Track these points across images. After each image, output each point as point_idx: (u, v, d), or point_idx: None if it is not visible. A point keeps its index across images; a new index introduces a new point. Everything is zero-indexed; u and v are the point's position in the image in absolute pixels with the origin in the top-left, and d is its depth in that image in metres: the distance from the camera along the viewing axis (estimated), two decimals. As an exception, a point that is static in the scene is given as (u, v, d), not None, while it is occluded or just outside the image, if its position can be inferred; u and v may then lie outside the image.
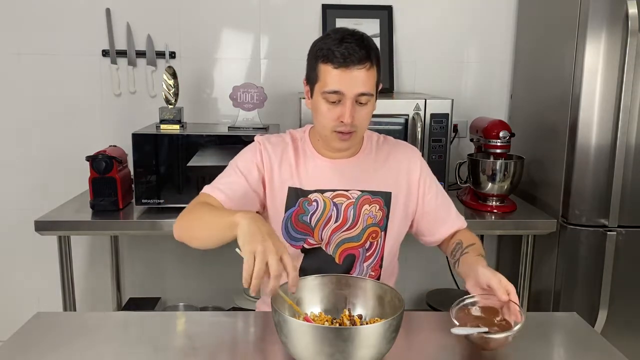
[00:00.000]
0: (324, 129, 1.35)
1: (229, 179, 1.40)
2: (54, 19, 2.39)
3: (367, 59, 1.29)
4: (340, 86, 1.29)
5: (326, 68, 1.30)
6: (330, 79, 1.30)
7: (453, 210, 1.52)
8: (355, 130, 1.34)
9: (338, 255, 1.42)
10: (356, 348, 1.00)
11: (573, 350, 1.25)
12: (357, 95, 1.30)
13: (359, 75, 1.29)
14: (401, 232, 1.49)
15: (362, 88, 1.30)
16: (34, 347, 1.18)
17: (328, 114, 1.32)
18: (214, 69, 2.49)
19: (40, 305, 2.57)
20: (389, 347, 1.06)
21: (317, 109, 1.35)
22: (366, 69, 1.29)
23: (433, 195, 1.48)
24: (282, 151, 1.44)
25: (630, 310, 2.08)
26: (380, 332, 1.02)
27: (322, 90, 1.31)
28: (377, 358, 1.04)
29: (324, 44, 1.31)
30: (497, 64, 2.56)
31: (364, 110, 1.34)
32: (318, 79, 1.33)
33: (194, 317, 1.45)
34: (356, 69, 1.28)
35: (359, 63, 1.28)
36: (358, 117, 1.32)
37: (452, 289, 2.66)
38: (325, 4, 2.44)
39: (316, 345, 1.00)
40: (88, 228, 2.03)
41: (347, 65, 1.28)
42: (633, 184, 2.00)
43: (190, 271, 2.62)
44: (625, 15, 1.89)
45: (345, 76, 1.28)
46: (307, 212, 1.40)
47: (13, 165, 2.49)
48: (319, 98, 1.33)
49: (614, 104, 1.95)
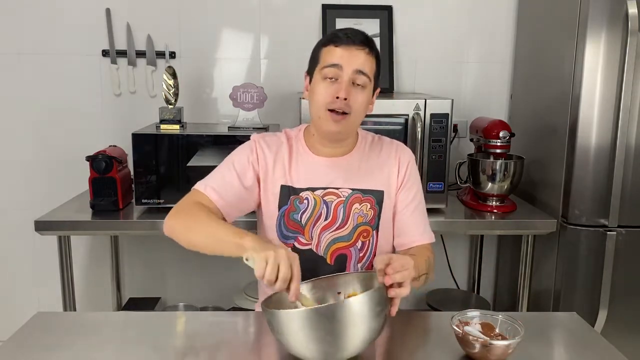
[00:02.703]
0: (319, 109, 1.35)
1: (224, 179, 1.40)
2: (54, 19, 2.39)
3: (367, 45, 1.35)
4: (339, 60, 1.32)
5: (328, 48, 1.35)
6: (331, 55, 1.34)
7: (423, 225, 1.47)
8: (348, 113, 1.34)
9: (329, 256, 1.42)
10: (344, 327, 1.00)
11: (573, 350, 1.25)
12: (355, 71, 1.32)
13: (358, 54, 1.33)
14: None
15: (360, 65, 1.33)
16: (34, 347, 1.18)
17: (324, 92, 1.34)
18: (214, 69, 2.49)
19: (40, 305, 2.57)
20: (379, 325, 1.05)
21: (314, 90, 1.37)
22: (366, 52, 1.34)
23: (410, 201, 1.45)
24: (277, 150, 1.44)
25: (630, 310, 2.08)
26: (364, 304, 1.01)
27: (322, 66, 1.34)
28: (370, 337, 1.04)
29: (328, 34, 1.39)
30: (497, 64, 2.56)
31: (360, 95, 1.34)
32: (319, 61, 1.36)
33: (194, 317, 1.45)
34: (356, 48, 1.33)
35: (360, 44, 1.33)
36: (353, 99, 1.33)
37: (452, 289, 2.66)
38: (325, 4, 2.44)
39: (305, 331, 1.00)
40: (88, 228, 2.03)
41: (348, 44, 1.33)
42: (633, 184, 2.00)
43: (190, 271, 2.63)
44: (625, 15, 1.89)
45: (345, 53, 1.33)
46: (298, 210, 1.40)
47: (13, 165, 2.49)
48: (317, 78, 1.36)
49: (614, 104, 1.95)
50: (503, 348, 1.11)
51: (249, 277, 2.43)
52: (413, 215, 1.46)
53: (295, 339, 1.02)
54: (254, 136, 1.47)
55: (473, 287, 2.70)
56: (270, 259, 1.08)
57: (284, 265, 1.08)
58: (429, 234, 1.47)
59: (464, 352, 1.15)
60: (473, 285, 2.70)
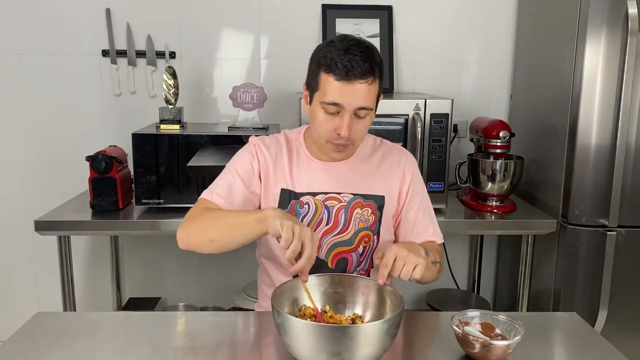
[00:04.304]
0: (320, 138, 1.34)
1: (229, 185, 1.39)
2: (54, 19, 2.39)
3: (370, 74, 1.26)
4: (340, 99, 1.26)
5: (328, 78, 1.26)
6: (331, 90, 1.26)
7: (432, 226, 1.47)
8: (351, 143, 1.34)
9: (330, 260, 1.42)
10: (361, 346, 1.01)
11: (573, 350, 1.25)
12: (357, 109, 1.28)
13: (360, 89, 1.25)
14: (393, 236, 1.48)
15: (362, 102, 1.27)
16: (34, 347, 1.18)
17: (325, 125, 1.31)
18: (214, 69, 2.49)
19: (40, 305, 2.57)
20: (391, 343, 1.07)
21: (314, 117, 1.34)
22: (368, 83, 1.26)
23: (415, 206, 1.45)
24: (277, 152, 1.43)
25: (630, 310, 2.08)
26: (384, 329, 1.03)
27: (322, 100, 1.28)
28: (380, 353, 1.06)
29: (328, 52, 1.27)
30: (497, 64, 2.56)
31: (362, 124, 1.32)
32: (318, 87, 1.30)
33: (194, 317, 1.45)
34: (358, 83, 1.25)
35: (361, 77, 1.25)
36: (355, 130, 1.31)
37: (452, 289, 2.66)
38: (325, 4, 2.44)
39: (322, 344, 1.01)
40: (88, 228, 2.03)
41: (349, 78, 1.24)
42: (633, 184, 2.00)
43: (190, 271, 2.63)
44: (625, 15, 1.89)
45: (346, 89, 1.25)
46: (298, 214, 1.40)
47: (13, 165, 2.49)
48: (317, 107, 1.31)
49: (614, 104, 1.95)
50: (503, 348, 1.11)
51: (249, 277, 2.44)
52: (423, 217, 1.46)
53: (308, 348, 1.03)
54: (252, 139, 1.46)
55: (473, 287, 2.70)
56: (296, 232, 1.10)
57: (310, 242, 1.10)
58: (438, 234, 1.47)
59: (464, 352, 1.15)
60: (473, 285, 2.70)
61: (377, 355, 1.05)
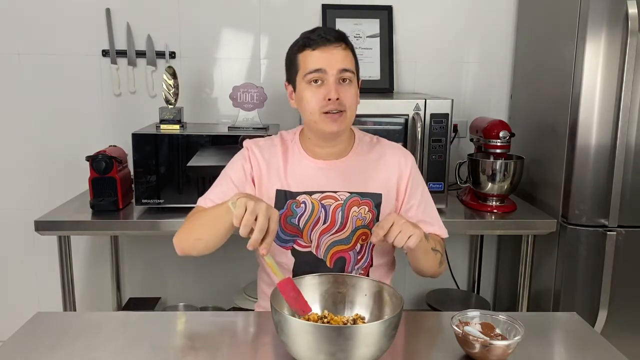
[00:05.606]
0: (313, 113, 1.34)
1: (223, 192, 1.40)
2: (54, 19, 2.39)
3: (342, 40, 1.35)
4: (321, 63, 1.32)
5: (305, 54, 1.35)
6: (310, 60, 1.33)
7: (435, 221, 1.48)
8: (344, 110, 1.34)
9: (329, 259, 1.42)
10: (358, 347, 1.01)
11: (573, 350, 1.25)
12: (340, 71, 1.32)
13: (337, 52, 1.33)
14: None
15: (342, 64, 1.33)
16: (34, 347, 1.18)
17: (313, 97, 1.33)
18: (214, 69, 2.49)
19: (40, 305, 2.57)
20: (389, 345, 1.07)
21: (302, 98, 1.36)
22: (342, 48, 1.34)
23: (416, 204, 1.46)
24: (270, 154, 1.43)
25: (630, 310, 2.08)
26: (381, 330, 1.03)
27: (304, 73, 1.33)
28: (378, 355, 1.05)
29: (299, 39, 1.39)
30: (497, 64, 2.56)
31: (349, 90, 1.34)
32: (298, 67, 1.35)
33: (194, 317, 1.45)
34: (333, 47, 1.33)
35: (335, 42, 1.34)
36: (344, 96, 1.33)
37: (452, 289, 2.66)
38: (325, 4, 2.44)
39: (319, 344, 1.01)
40: (88, 228, 2.03)
41: (325, 44, 1.33)
42: (633, 184, 2.00)
43: (190, 271, 2.63)
44: (625, 15, 1.89)
45: (324, 55, 1.33)
46: (295, 214, 1.40)
47: (13, 165, 2.49)
48: (302, 86, 1.35)
49: (614, 104, 1.95)
50: (503, 348, 1.11)
51: (249, 277, 2.44)
52: (424, 213, 1.47)
53: (306, 348, 1.03)
54: (246, 143, 1.47)
55: (473, 287, 2.70)
56: (249, 207, 1.11)
57: (263, 215, 1.11)
58: (442, 229, 1.49)
59: (464, 352, 1.15)
60: (473, 285, 2.70)
61: (374, 356, 1.04)
